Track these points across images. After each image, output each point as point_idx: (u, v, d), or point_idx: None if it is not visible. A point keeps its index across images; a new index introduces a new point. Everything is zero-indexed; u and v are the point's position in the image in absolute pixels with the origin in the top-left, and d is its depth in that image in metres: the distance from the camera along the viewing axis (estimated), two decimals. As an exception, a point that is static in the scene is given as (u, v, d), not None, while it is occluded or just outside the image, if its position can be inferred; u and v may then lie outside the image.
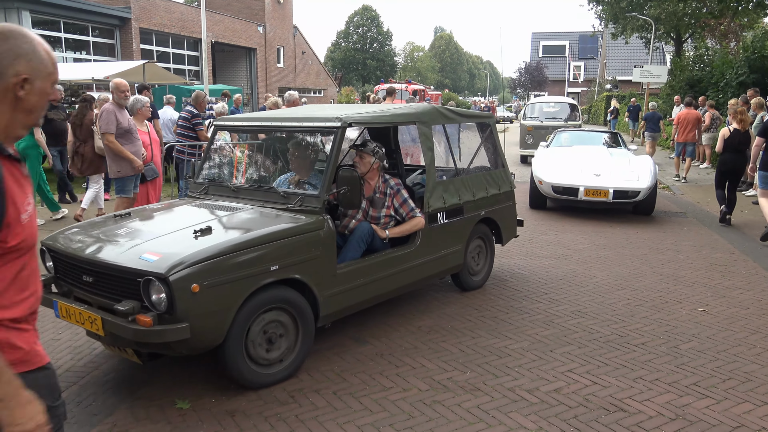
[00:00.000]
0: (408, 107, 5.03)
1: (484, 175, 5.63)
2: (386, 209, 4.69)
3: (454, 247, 5.15)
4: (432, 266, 4.92)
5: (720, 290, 5.74)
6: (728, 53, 19.16)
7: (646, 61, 30.45)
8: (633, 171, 9.16)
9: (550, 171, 9.47)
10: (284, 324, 3.74)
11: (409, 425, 3.32)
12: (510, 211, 6.01)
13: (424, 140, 4.87)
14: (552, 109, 17.71)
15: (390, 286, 4.54)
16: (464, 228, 5.27)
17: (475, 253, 5.61)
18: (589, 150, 10.48)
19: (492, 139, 5.93)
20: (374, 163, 4.68)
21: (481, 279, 5.70)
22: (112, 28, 24.88)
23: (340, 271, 4.07)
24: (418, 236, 4.75)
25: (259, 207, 4.19)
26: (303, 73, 39.41)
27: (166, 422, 3.34)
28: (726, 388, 3.77)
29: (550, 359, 4.17)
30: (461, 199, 5.18)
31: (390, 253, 4.53)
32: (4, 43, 1.59)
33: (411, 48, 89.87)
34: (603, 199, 8.85)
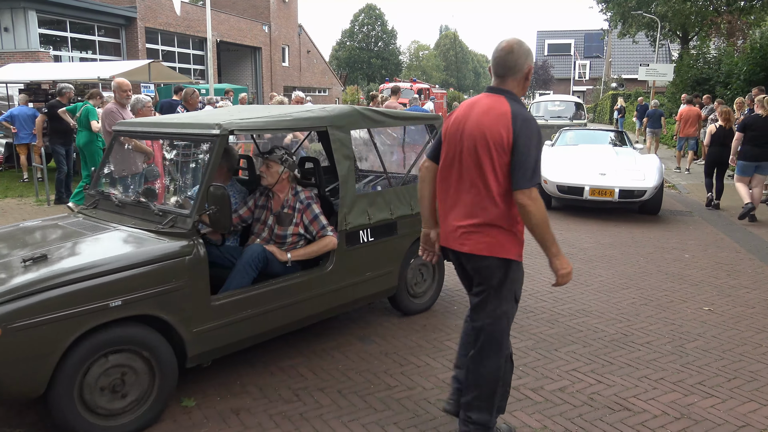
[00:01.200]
0: (319, 110, 4.30)
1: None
2: (294, 227, 4.10)
3: (385, 268, 4.49)
4: (352, 292, 4.29)
5: (726, 289, 5.73)
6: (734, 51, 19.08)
7: (652, 60, 30.38)
8: (639, 170, 9.06)
9: (555, 170, 9.36)
10: (135, 369, 3.17)
11: (414, 423, 3.32)
12: None
13: (339, 147, 4.18)
14: (557, 107, 17.80)
15: (293, 316, 3.91)
16: (399, 246, 4.60)
17: (418, 274, 4.93)
18: (595, 149, 10.39)
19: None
20: (283, 173, 4.09)
21: (426, 302, 5.04)
22: (118, 28, 24.98)
23: (218, 302, 3.48)
24: (331, 258, 4.11)
25: (130, 228, 3.64)
26: (308, 72, 39.45)
27: (172, 420, 3.36)
28: (731, 387, 3.76)
29: (554, 358, 4.17)
30: (394, 214, 4.52)
31: (290, 280, 3.87)
32: (522, 47, 2.82)
33: (416, 47, 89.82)
34: (608, 199, 8.76)
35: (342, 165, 4.19)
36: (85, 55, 24.26)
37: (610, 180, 8.86)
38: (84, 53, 24.33)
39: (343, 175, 4.18)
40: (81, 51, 24.31)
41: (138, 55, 24.25)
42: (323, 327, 4.70)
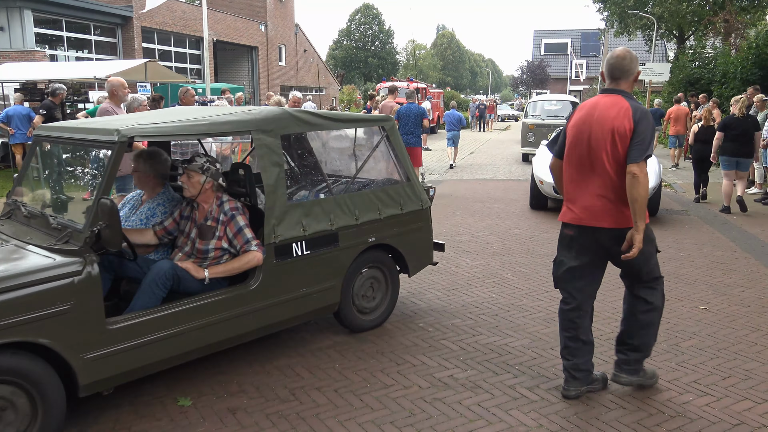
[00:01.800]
0: (243, 113, 3.92)
1: (375, 192, 4.57)
2: (217, 240, 3.82)
3: (324, 283, 4.17)
4: (284, 309, 3.96)
5: (721, 288, 5.75)
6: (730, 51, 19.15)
7: (648, 59, 30.45)
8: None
9: (547, 170, 9.34)
10: (14, 403, 2.87)
11: (410, 422, 3.33)
12: (419, 234, 4.89)
13: (266, 153, 3.84)
14: (554, 107, 17.73)
15: (211, 338, 3.61)
16: (341, 259, 4.26)
17: (367, 288, 4.59)
18: None
19: (390, 147, 4.78)
20: (206, 183, 3.81)
21: (377, 317, 4.67)
22: (114, 27, 24.94)
23: (116, 326, 3.18)
24: (257, 275, 3.79)
25: (25, 243, 3.34)
26: (304, 71, 39.43)
27: (169, 419, 3.36)
28: (726, 385, 3.78)
29: (550, 357, 4.19)
30: (334, 225, 4.16)
31: (206, 299, 3.56)
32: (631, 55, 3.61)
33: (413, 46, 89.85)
34: None
35: (269, 173, 3.85)
36: (81, 55, 24.23)
37: None
38: (80, 52, 24.30)
39: (270, 184, 3.84)
40: (77, 50, 24.28)
41: (134, 55, 24.22)
42: (319, 326, 4.71)
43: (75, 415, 3.37)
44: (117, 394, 3.62)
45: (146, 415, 3.40)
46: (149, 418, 3.37)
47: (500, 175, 14.74)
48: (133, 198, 4.37)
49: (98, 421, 3.34)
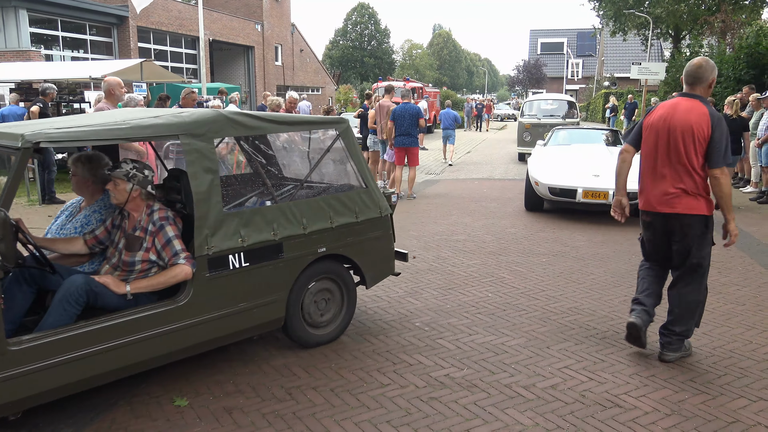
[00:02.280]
0: (170, 116, 3.66)
1: (327, 199, 4.28)
2: (145, 252, 3.60)
3: (266, 297, 3.91)
4: (221, 325, 3.70)
5: (716, 286, 5.76)
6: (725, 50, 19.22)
7: (644, 58, 30.49)
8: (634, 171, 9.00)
9: (547, 172, 9.08)
10: None
11: (406, 422, 3.34)
12: (377, 244, 4.61)
13: (197, 159, 3.56)
14: (550, 106, 17.71)
15: (132, 358, 3.34)
16: (286, 271, 3.99)
17: (319, 300, 4.31)
18: (588, 149, 10.17)
19: (345, 151, 4.51)
20: (133, 191, 3.61)
21: (330, 332, 4.39)
22: (110, 27, 24.88)
23: (18, 347, 2.94)
24: (187, 289, 3.53)
25: None
26: (301, 71, 39.40)
27: (165, 419, 3.36)
28: (722, 383, 3.79)
29: (546, 356, 4.19)
30: (278, 234, 3.89)
31: (126, 316, 3.29)
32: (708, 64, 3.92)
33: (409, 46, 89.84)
34: (603, 202, 8.40)
35: (201, 180, 3.56)
36: (77, 54, 24.16)
37: (605, 182, 8.47)
38: (75, 52, 24.23)
39: (202, 191, 3.56)
40: (72, 50, 24.21)
41: (130, 54, 24.17)
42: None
43: (70, 415, 3.37)
44: (113, 393, 3.62)
45: (142, 415, 3.40)
46: (145, 418, 3.37)
47: (497, 175, 14.76)
48: (72, 205, 4.17)
49: (94, 420, 3.34)
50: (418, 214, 9.33)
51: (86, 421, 3.33)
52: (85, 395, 3.59)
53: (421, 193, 11.59)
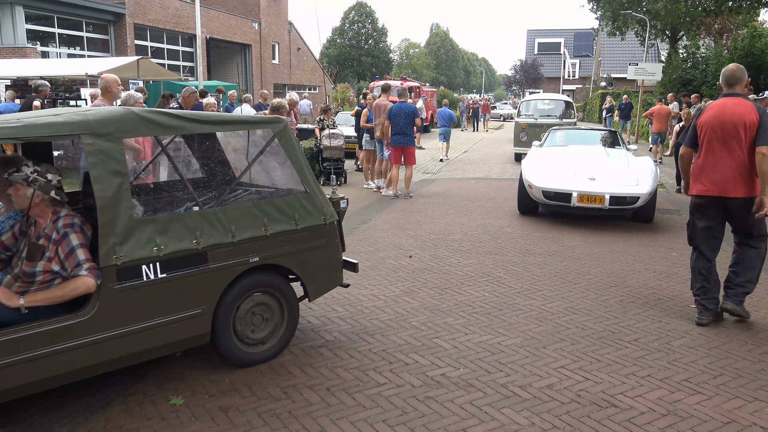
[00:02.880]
0: (72, 114, 3.41)
1: (261, 205, 3.97)
2: (47, 262, 3.32)
3: (188, 310, 3.59)
4: (133, 341, 3.39)
5: (712, 287, 5.77)
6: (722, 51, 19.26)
7: (641, 59, 30.56)
8: (632, 174, 8.41)
9: (541, 174, 8.69)
10: None
11: (402, 421, 3.33)
12: (321, 253, 4.27)
13: (102, 161, 3.26)
14: (547, 106, 17.56)
15: (26, 377, 3.04)
16: (212, 283, 3.68)
17: (255, 316, 3.98)
18: (585, 150, 9.85)
19: (283, 153, 4.16)
20: (35, 196, 3.33)
21: (268, 348, 4.06)
22: (107, 24, 24.80)
23: None
24: (92, 303, 3.24)
25: None
26: (298, 69, 39.35)
27: (160, 418, 3.35)
28: (717, 384, 3.80)
29: (542, 355, 4.19)
30: (201, 243, 3.58)
31: (18, 332, 3.00)
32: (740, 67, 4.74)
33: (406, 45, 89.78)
34: (598, 206, 8.09)
35: (107, 184, 3.27)
36: (73, 52, 24.08)
37: (600, 185, 8.19)
38: (72, 49, 24.15)
39: (107, 196, 3.27)
40: (69, 47, 24.13)
41: (127, 52, 24.09)
42: (312, 324, 4.70)
43: (65, 414, 3.36)
44: (108, 392, 3.60)
45: (137, 414, 3.39)
46: (140, 417, 3.35)
47: (493, 174, 14.76)
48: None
49: (89, 419, 3.32)
50: (415, 213, 9.33)
51: (81, 420, 3.31)
52: (79, 394, 3.58)
53: (418, 192, 11.58)
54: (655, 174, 8.63)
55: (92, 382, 3.70)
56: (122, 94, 7.36)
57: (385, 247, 7.22)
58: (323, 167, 12.44)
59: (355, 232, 8.00)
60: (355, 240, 7.53)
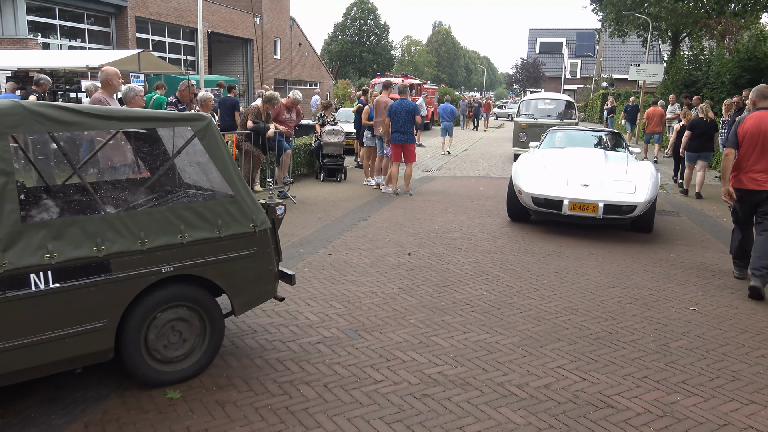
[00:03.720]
0: None
1: (176, 209, 3.62)
2: None
3: (86, 324, 3.26)
4: (19, 358, 3.08)
5: (710, 289, 5.78)
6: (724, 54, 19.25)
7: (643, 60, 30.53)
8: (630, 181, 7.86)
9: (531, 179, 8.12)
10: None
11: (399, 418, 3.34)
12: (249, 264, 3.88)
13: None
14: (548, 106, 17.19)
15: None
16: (115, 294, 3.33)
17: (169, 331, 3.62)
18: (582, 153, 9.21)
19: (206, 154, 3.82)
20: None
21: (187, 367, 3.70)
22: (108, 16, 24.75)
23: None
24: None
25: None
26: (299, 65, 39.30)
27: (157, 412, 3.35)
28: (714, 386, 3.80)
29: (540, 355, 4.20)
30: (103, 250, 3.25)
31: None
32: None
33: (408, 42, 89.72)
34: (591, 215, 7.58)
35: None
36: (74, 44, 24.03)
37: (594, 192, 7.66)
38: (73, 41, 24.10)
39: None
40: (70, 39, 24.07)
41: (128, 45, 24.05)
42: (309, 321, 4.70)
43: (62, 407, 3.36)
44: (104, 386, 3.60)
45: (134, 407, 3.38)
46: (137, 411, 3.35)
47: (493, 173, 14.76)
48: None
49: (86, 412, 3.32)
50: (414, 211, 9.33)
51: (77, 413, 3.31)
52: (76, 387, 3.58)
53: (418, 190, 11.58)
54: (655, 180, 8.08)
55: (89, 376, 3.70)
56: (122, 87, 7.35)
57: (384, 244, 7.22)
58: (323, 163, 12.44)
59: (354, 229, 8.00)
60: (354, 237, 7.53)
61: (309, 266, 6.19)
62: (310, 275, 5.88)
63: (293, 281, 4.23)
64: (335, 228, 8.00)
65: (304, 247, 6.90)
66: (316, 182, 12.35)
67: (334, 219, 8.60)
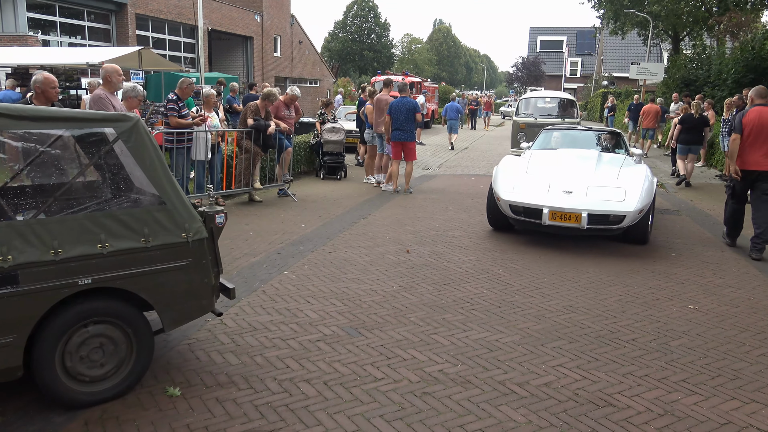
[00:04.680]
0: None
1: (96, 216, 3.34)
2: None
3: None
4: None
5: (711, 288, 5.77)
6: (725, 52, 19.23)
7: (644, 58, 30.51)
8: (619, 187, 7.01)
9: (510, 185, 7.36)
10: None
11: (400, 416, 3.33)
12: (180, 276, 3.58)
13: None
14: (548, 104, 16.42)
15: None
16: (23, 309, 3.07)
17: (90, 348, 3.33)
18: (572, 156, 8.37)
19: (132, 157, 3.52)
20: None
21: (110, 387, 3.41)
22: (108, 14, 24.70)
23: None
24: None
25: None
26: (299, 63, 39.26)
27: (157, 409, 3.34)
28: (714, 385, 3.80)
29: (540, 353, 4.19)
30: (9, 260, 3.00)
31: None
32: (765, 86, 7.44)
33: (409, 40, 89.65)
34: (574, 225, 6.73)
35: None
36: (74, 41, 23.99)
37: (577, 200, 6.82)
38: (73, 38, 24.05)
39: None
40: (70, 36, 24.03)
41: (128, 42, 24.00)
42: (310, 319, 4.70)
43: (62, 404, 3.35)
44: (105, 382, 3.59)
45: (134, 405, 3.38)
46: (137, 408, 3.35)
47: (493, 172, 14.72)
48: None
49: (85, 410, 3.31)
50: (415, 209, 9.32)
51: (77, 411, 3.30)
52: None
53: (418, 188, 11.57)
54: (650, 186, 7.21)
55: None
56: (123, 84, 7.34)
57: (385, 242, 7.21)
58: (323, 161, 12.43)
59: (355, 226, 7.99)
60: (354, 235, 7.52)
61: (309, 264, 6.18)
62: (310, 273, 5.88)
63: (233, 295, 3.93)
64: (335, 226, 7.99)
65: (305, 245, 6.90)
66: (317, 180, 12.34)
67: (334, 217, 8.59)
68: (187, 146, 8.41)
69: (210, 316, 4.64)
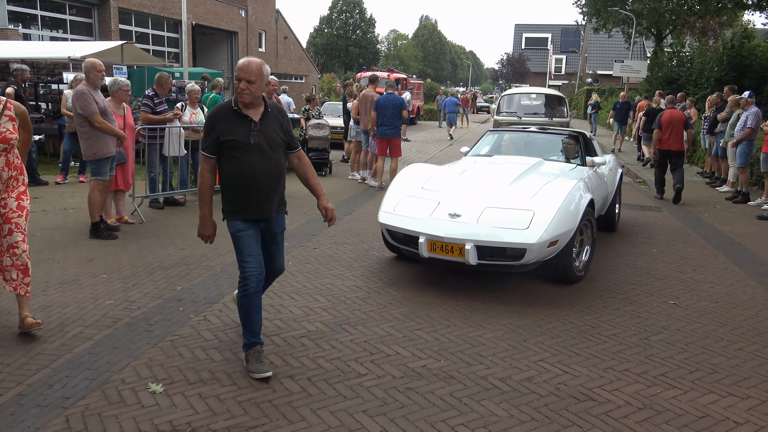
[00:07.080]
0: None
1: None
2: None
3: None
4: None
5: (691, 284, 5.85)
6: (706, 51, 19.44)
7: (627, 56, 30.74)
8: (528, 209, 5.28)
9: (393, 203, 5.82)
10: None
11: (383, 411, 3.35)
12: None
13: None
14: (533, 102, 15.03)
15: None
16: None
17: None
18: (501, 165, 6.55)
19: None
20: None
21: None
22: (90, 7, 24.42)
23: None
24: None
25: None
26: (284, 58, 39.08)
27: (140, 406, 3.33)
28: (693, 379, 3.86)
29: (523, 349, 4.23)
30: None
31: None
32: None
33: (394, 36, 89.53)
34: (458, 260, 5.18)
35: None
36: (56, 35, 23.69)
37: (463, 227, 5.21)
38: (54, 32, 23.76)
39: None
40: (51, 30, 23.73)
41: (111, 36, 23.75)
42: (293, 315, 4.70)
43: (45, 399, 3.32)
44: (86, 378, 3.58)
45: (116, 401, 3.36)
46: (119, 404, 3.33)
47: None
48: None
49: (67, 407, 3.29)
50: (399, 206, 9.33)
51: (58, 408, 3.28)
52: (58, 380, 3.55)
53: (403, 184, 11.57)
54: (572, 210, 5.39)
55: (71, 368, 3.68)
56: (107, 79, 7.28)
57: (369, 238, 7.22)
58: (308, 157, 12.39)
59: (339, 223, 8.00)
60: (339, 231, 7.52)
61: (293, 260, 6.18)
62: (294, 269, 5.87)
63: None
64: (320, 222, 7.98)
65: (289, 241, 6.89)
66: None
67: (319, 213, 8.58)
68: (159, 143, 8.35)
69: (194, 312, 4.63)
